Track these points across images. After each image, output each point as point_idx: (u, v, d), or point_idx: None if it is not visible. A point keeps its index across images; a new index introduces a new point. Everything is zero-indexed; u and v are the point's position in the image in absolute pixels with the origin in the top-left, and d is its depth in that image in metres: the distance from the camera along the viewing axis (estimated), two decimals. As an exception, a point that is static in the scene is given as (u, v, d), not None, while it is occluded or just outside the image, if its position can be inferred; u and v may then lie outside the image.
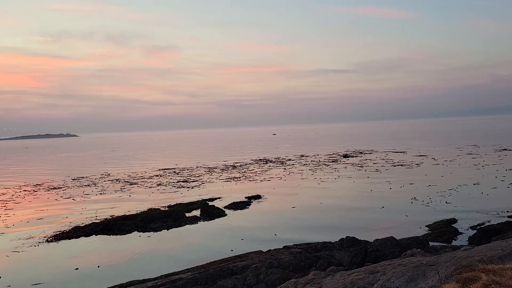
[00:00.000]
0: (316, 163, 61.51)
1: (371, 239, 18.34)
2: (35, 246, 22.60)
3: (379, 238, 17.00)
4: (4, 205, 36.19)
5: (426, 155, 64.33)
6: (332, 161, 62.59)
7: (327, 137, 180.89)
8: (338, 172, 49.07)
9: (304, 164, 60.31)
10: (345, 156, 71.10)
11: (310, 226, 24.40)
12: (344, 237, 18.83)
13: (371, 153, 75.87)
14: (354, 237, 18.77)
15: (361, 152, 77.62)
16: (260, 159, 72.69)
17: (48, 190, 44.46)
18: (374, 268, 10.06)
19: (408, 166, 51.29)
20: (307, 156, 74.76)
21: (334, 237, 19.90)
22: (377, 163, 56.51)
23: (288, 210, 29.28)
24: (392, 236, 17.12)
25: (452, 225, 22.80)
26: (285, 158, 74.02)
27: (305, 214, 27.48)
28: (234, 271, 13.54)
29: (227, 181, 46.06)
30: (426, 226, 22.98)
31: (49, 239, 23.80)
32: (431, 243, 18.73)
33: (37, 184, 50.29)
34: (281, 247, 18.41)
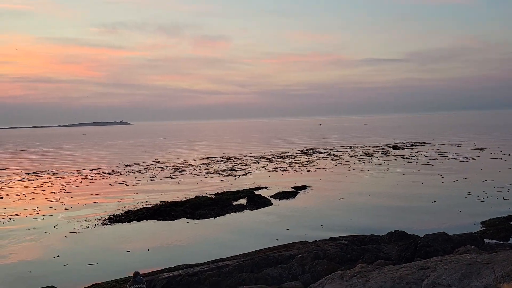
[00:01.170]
0: (365, 154, 60.23)
1: (421, 233, 17.76)
2: (90, 228, 23.80)
3: (430, 233, 16.42)
4: (63, 188, 38.33)
5: (483, 149, 61.21)
6: (381, 153, 61.03)
7: (377, 128, 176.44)
8: (387, 164, 47.79)
9: (352, 156, 59.23)
10: (395, 148, 69.08)
11: (357, 218, 23.98)
12: (393, 231, 18.36)
13: (423, 145, 73.22)
14: (403, 231, 18.26)
15: (412, 144, 75.11)
16: (307, 150, 72.19)
17: (103, 175, 46.56)
18: (424, 264, 9.74)
19: (462, 160, 49.05)
20: (355, 148, 73.35)
21: (381, 231, 19.42)
22: (429, 156, 54.46)
23: (335, 201, 28.93)
24: (443, 232, 16.48)
25: (510, 222, 21.60)
26: (332, 149, 73.04)
27: (352, 206, 27.04)
28: (279, 260, 13.59)
29: (274, 170, 46.15)
30: (481, 222, 21.92)
31: (103, 222, 24.97)
32: (486, 241, 17.85)
33: (93, 169, 52.81)
34: (327, 239, 18.24)
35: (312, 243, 17.33)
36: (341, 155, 60.29)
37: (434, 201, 27.22)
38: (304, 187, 34.46)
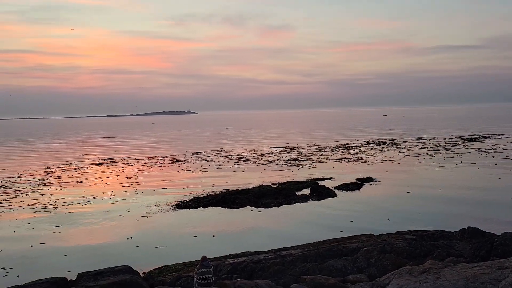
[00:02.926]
0: (435, 146, 57.35)
1: (497, 231, 16.61)
2: (160, 212, 24.96)
3: (508, 231, 15.32)
4: (135, 174, 40.50)
5: None
6: (454, 145, 57.77)
7: (448, 119, 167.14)
8: (460, 157, 45.16)
9: (422, 148, 56.66)
10: (470, 140, 65.03)
11: (426, 213, 22.97)
12: (466, 228, 17.36)
13: (501, 138, 68.28)
14: (478, 228, 17.20)
15: (488, 137, 70.30)
16: (372, 141, 70.17)
17: (171, 163, 48.54)
18: (502, 264, 9.12)
19: (547, 154, 45.11)
20: (425, 139, 70.06)
21: (453, 227, 18.42)
22: (508, 149, 50.68)
23: (403, 195, 27.91)
24: (524, 231, 15.29)
25: None
26: (400, 140, 70.35)
27: (421, 200, 25.94)
28: (344, 252, 13.41)
29: (338, 161, 45.41)
30: None
31: (171, 207, 26.08)
32: None
33: (162, 157, 55.20)
34: (394, 233, 17.67)
35: (378, 236, 16.88)
36: (409, 147, 57.90)
37: (513, 198, 25.36)
38: (369, 179, 33.58)
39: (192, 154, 57.85)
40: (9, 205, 27.57)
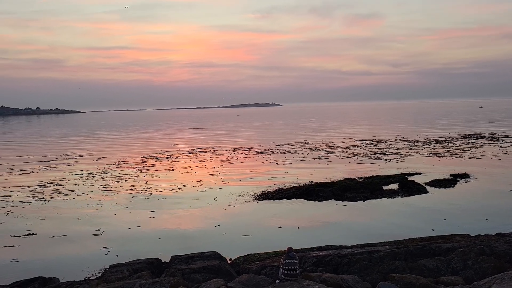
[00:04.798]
0: (544, 141, 51.67)
1: None
2: (246, 202, 25.60)
3: None
4: (222, 164, 41.94)
5: None
6: None
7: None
8: None
9: (527, 142, 51.39)
10: None
11: (532, 214, 20.83)
12: None
13: None
14: None
15: None
16: (469, 134, 65.17)
17: (256, 154, 49.46)
18: None
19: None
20: (531, 133, 63.43)
21: None
22: None
23: (504, 193, 25.62)
24: None
25: None
26: (502, 134, 64.47)
27: (526, 200, 23.58)
28: (436, 252, 12.65)
29: (429, 156, 42.90)
30: None
31: (256, 198, 26.61)
32: None
33: (247, 148, 56.47)
34: (494, 234, 16.31)
35: (475, 237, 15.69)
36: (512, 142, 52.85)
37: None
38: (465, 175, 31.28)
39: (276, 145, 58.35)
40: (110, 190, 30.12)
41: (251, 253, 15.91)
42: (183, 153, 52.47)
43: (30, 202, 26.70)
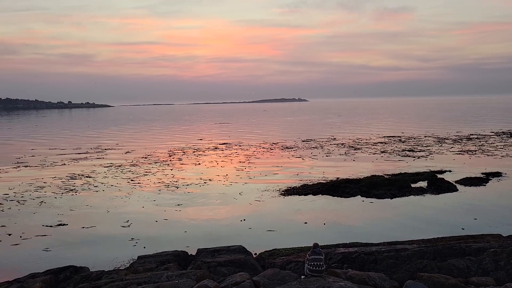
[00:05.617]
0: None
1: None
2: (271, 197, 25.62)
3: None
4: (247, 158, 42.08)
5: None
6: None
7: None
8: None
9: None
10: None
11: None
12: None
13: None
14: None
15: None
16: (502, 132, 63.15)
17: (282, 149, 49.38)
18: None
19: None
20: None
21: None
22: None
23: (539, 193, 24.74)
24: None
25: None
26: (537, 132, 62.19)
27: (562, 201, 22.71)
28: (466, 252, 12.35)
29: (460, 153, 41.83)
30: None
31: (281, 193, 26.59)
32: None
33: (273, 143, 56.44)
34: (528, 235, 15.80)
35: (508, 237, 15.24)
36: (548, 140, 50.89)
37: None
38: (497, 174, 30.37)
39: (302, 141, 58.08)
40: (138, 183, 30.70)
41: (276, 248, 15.93)
42: (209, 148, 52.91)
43: (62, 194, 27.51)
